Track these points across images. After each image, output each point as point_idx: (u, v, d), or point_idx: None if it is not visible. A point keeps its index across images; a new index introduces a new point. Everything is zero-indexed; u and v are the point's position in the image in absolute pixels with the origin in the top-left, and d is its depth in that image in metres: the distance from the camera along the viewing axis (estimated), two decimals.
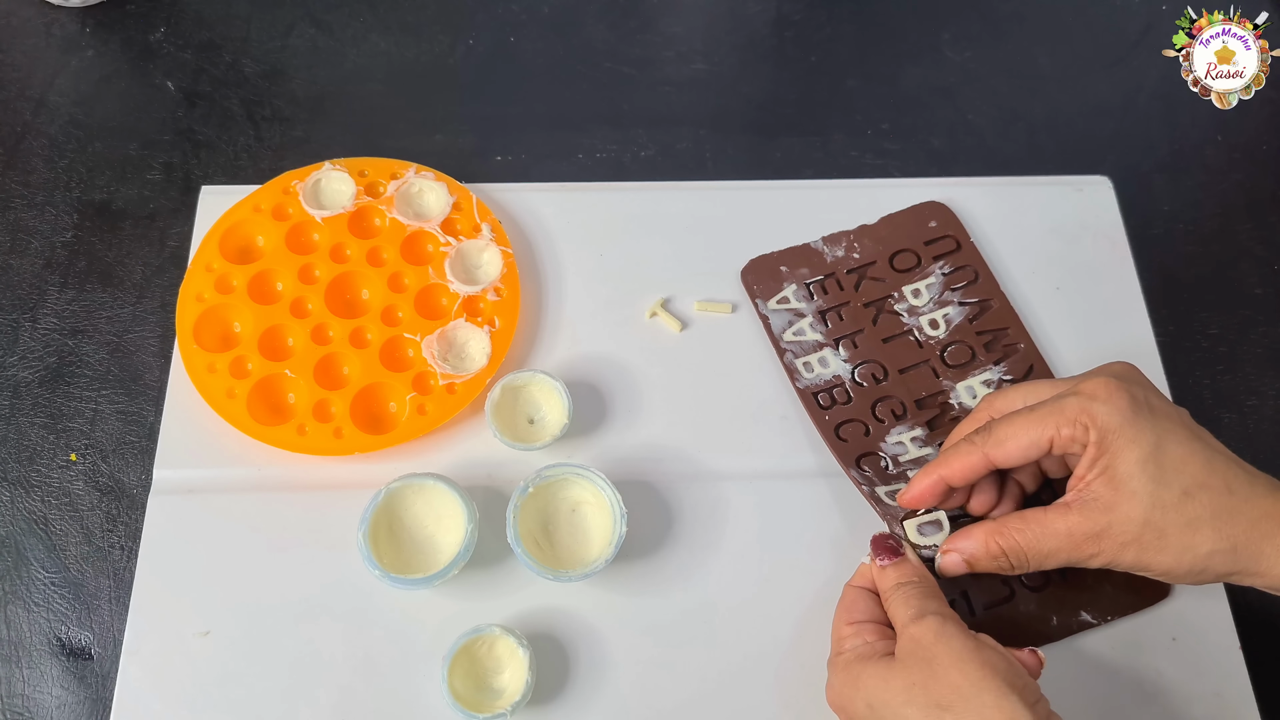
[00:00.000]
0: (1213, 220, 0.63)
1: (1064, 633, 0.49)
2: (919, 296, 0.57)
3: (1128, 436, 0.43)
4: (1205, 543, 0.42)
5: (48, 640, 0.49)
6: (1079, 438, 0.44)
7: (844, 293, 0.56)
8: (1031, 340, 0.56)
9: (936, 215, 0.59)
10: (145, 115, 0.64)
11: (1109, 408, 0.43)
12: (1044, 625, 0.49)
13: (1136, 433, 0.43)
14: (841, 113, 0.66)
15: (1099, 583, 0.50)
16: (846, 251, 0.58)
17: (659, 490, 0.52)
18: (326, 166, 0.58)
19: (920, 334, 0.55)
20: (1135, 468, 0.43)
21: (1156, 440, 0.43)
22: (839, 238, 0.58)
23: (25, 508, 0.52)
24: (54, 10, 0.67)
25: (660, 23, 0.69)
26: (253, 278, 0.55)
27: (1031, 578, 0.50)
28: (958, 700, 0.39)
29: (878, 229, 0.59)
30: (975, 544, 0.45)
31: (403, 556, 0.49)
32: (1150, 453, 0.43)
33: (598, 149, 0.64)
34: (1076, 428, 0.44)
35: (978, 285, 0.57)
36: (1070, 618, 0.49)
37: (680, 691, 0.48)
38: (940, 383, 0.54)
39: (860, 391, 0.54)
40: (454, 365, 0.54)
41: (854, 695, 0.42)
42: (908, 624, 0.42)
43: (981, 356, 0.55)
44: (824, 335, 0.55)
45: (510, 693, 0.46)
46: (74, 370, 0.55)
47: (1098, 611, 0.49)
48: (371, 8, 0.69)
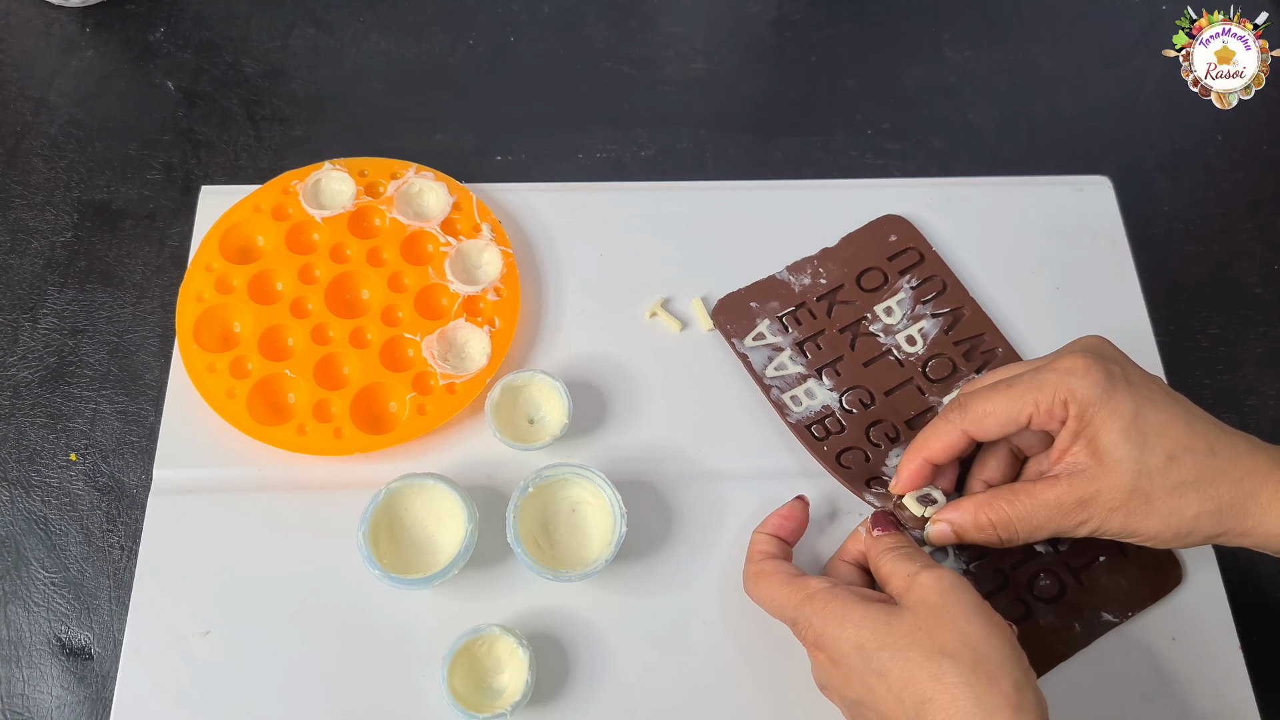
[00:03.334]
0: (1213, 220, 0.63)
1: (1090, 638, 0.49)
2: (891, 314, 0.56)
3: (1108, 408, 0.43)
4: (1191, 505, 0.43)
5: (48, 640, 0.49)
6: (1057, 413, 0.44)
7: (817, 321, 0.56)
8: (1008, 342, 0.56)
9: (895, 229, 0.59)
10: (145, 115, 0.64)
11: (1086, 382, 0.44)
12: (1069, 634, 0.49)
13: (1116, 404, 0.43)
14: (841, 113, 0.66)
15: (1113, 579, 0.50)
16: (813, 278, 0.57)
17: (659, 490, 0.52)
18: (326, 166, 0.58)
19: (899, 352, 0.55)
20: (1119, 437, 0.43)
21: (1136, 409, 0.43)
22: (803, 265, 0.58)
23: (25, 508, 0.52)
24: (54, 10, 0.67)
25: (660, 23, 0.69)
26: (253, 278, 0.55)
27: (1044, 589, 0.49)
28: (963, 648, 0.38)
29: (839, 250, 0.58)
30: (964, 515, 0.46)
31: (403, 556, 0.49)
32: (1131, 421, 0.43)
33: (598, 149, 0.64)
34: (1055, 403, 0.44)
35: (947, 295, 0.57)
36: (1093, 621, 0.49)
37: (680, 691, 0.48)
38: (927, 399, 0.54)
39: (851, 419, 0.53)
40: (454, 365, 0.54)
41: (839, 633, 0.41)
42: (918, 572, 0.42)
43: (962, 367, 0.55)
44: (805, 366, 0.55)
45: (510, 693, 0.46)
46: (74, 370, 0.55)
47: (1117, 609, 0.49)
48: (371, 8, 0.69)
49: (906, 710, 0.39)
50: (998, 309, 0.57)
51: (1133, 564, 0.50)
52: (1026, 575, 0.50)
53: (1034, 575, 0.50)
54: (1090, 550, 0.50)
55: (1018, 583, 0.50)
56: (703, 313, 0.57)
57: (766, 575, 0.45)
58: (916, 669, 0.38)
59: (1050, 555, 0.50)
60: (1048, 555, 0.50)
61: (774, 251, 0.58)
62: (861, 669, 0.40)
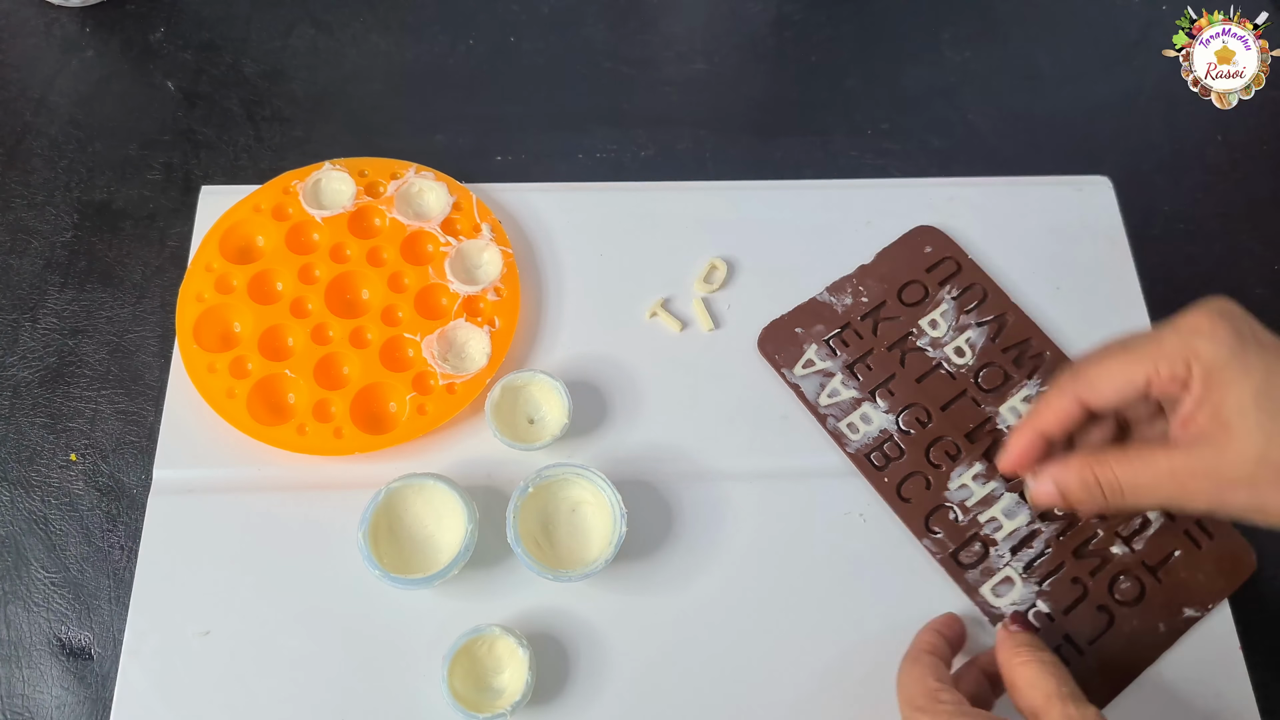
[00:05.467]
0: (1213, 220, 0.63)
1: (1174, 637, 0.49)
2: (937, 327, 0.56)
3: (1236, 370, 0.39)
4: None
5: (48, 640, 0.49)
6: (1179, 375, 0.41)
7: (864, 341, 0.55)
8: (1054, 345, 0.56)
9: (929, 240, 0.59)
10: (145, 115, 0.64)
11: (1213, 342, 0.40)
12: (1154, 637, 0.48)
13: (1246, 366, 0.39)
14: (841, 113, 0.66)
15: (1191, 574, 0.50)
16: (854, 298, 0.56)
17: (659, 490, 0.52)
18: (326, 166, 0.58)
19: (950, 365, 0.55)
20: (1248, 402, 0.39)
21: (1267, 371, 0.39)
22: (842, 285, 0.57)
23: (25, 508, 0.52)
24: (54, 10, 0.67)
25: (660, 23, 0.69)
26: (253, 278, 0.55)
27: (1126, 591, 0.49)
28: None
29: (877, 266, 0.58)
30: (1070, 473, 0.43)
31: (403, 556, 0.49)
32: (1262, 386, 0.39)
33: (598, 149, 0.64)
34: (1177, 364, 0.40)
35: (988, 303, 0.57)
36: (1175, 619, 0.49)
37: (680, 691, 0.48)
38: (984, 410, 0.54)
39: (910, 440, 0.53)
40: (454, 365, 0.54)
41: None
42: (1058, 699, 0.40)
43: (1014, 375, 0.55)
44: (859, 390, 0.54)
45: (510, 693, 0.46)
46: (74, 370, 0.55)
47: (1198, 603, 0.49)
48: (371, 8, 0.69)
49: None
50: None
51: (1207, 556, 0.50)
52: (1105, 580, 0.49)
53: (1113, 579, 0.49)
54: (1165, 545, 0.50)
55: (1098, 590, 0.49)
56: (703, 313, 0.57)
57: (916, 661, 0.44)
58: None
59: (1126, 555, 0.50)
60: (1124, 555, 0.50)
61: (774, 251, 0.59)
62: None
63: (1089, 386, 0.43)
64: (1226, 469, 0.40)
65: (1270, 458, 0.39)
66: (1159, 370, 0.41)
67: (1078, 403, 0.43)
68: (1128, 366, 0.42)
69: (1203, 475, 0.40)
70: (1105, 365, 0.43)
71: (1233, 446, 0.39)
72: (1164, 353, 0.41)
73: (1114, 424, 0.46)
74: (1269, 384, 0.39)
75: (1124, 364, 0.42)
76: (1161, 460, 0.41)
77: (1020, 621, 0.45)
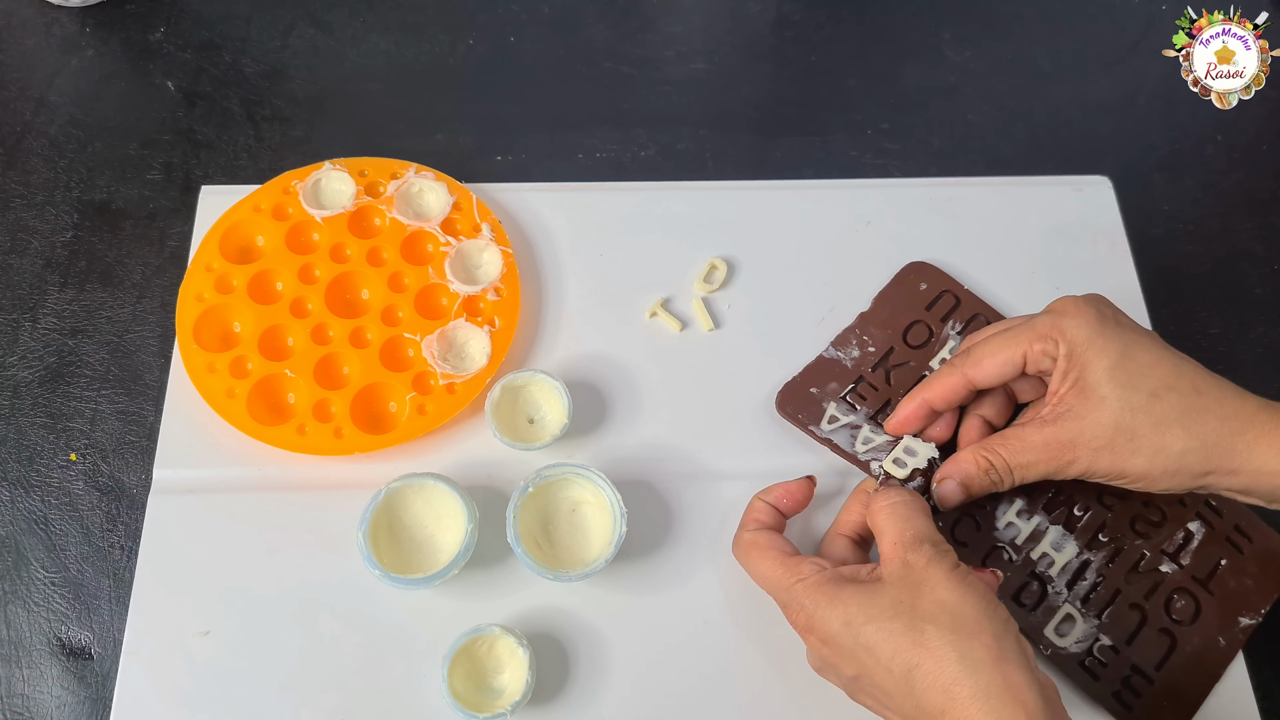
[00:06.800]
0: (1213, 220, 0.63)
1: (1235, 649, 0.48)
2: None
3: (1096, 347, 0.45)
4: (1176, 441, 0.44)
5: (48, 640, 0.49)
6: (1049, 351, 0.46)
7: (879, 392, 0.54)
8: None
9: (923, 276, 0.57)
10: (145, 115, 0.64)
11: (1077, 321, 0.46)
12: (1215, 651, 0.48)
13: (1104, 342, 0.45)
14: (841, 113, 0.66)
15: (1240, 581, 0.50)
16: (860, 349, 0.55)
17: (659, 490, 0.52)
18: (326, 166, 0.58)
19: None
20: (1103, 375, 0.45)
21: (1123, 348, 0.45)
22: (846, 337, 0.55)
23: (25, 508, 0.52)
24: (54, 10, 0.67)
25: (660, 23, 0.69)
26: (253, 278, 0.55)
27: (1182, 610, 0.49)
28: (942, 612, 0.39)
29: (876, 312, 0.56)
30: (966, 465, 0.47)
31: (403, 556, 0.49)
32: (1118, 360, 0.45)
33: (598, 149, 0.64)
34: (1047, 342, 0.46)
35: None
36: (1232, 629, 0.49)
37: (680, 691, 0.48)
38: None
39: None
40: (454, 365, 0.54)
41: (829, 614, 0.41)
42: (901, 546, 0.42)
43: None
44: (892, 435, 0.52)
45: (510, 693, 0.46)
46: (74, 370, 0.55)
47: (1252, 609, 0.49)
48: (371, 8, 0.69)
49: (897, 678, 0.39)
50: (998, 309, 0.57)
51: (1250, 559, 0.50)
52: (1161, 601, 0.49)
53: (1168, 598, 0.49)
54: (1211, 556, 0.50)
55: (1155, 613, 0.49)
56: (703, 313, 0.57)
57: (760, 548, 0.46)
58: (901, 638, 0.39)
59: (1176, 572, 0.50)
60: (1174, 573, 0.50)
61: (774, 252, 0.59)
62: (851, 645, 0.41)
63: (974, 364, 0.48)
64: (1088, 436, 0.45)
65: (1123, 424, 0.44)
66: (1032, 348, 0.47)
67: (964, 379, 0.48)
68: (1007, 346, 0.47)
69: (1070, 444, 0.45)
70: (988, 345, 0.48)
71: (1091, 415, 0.45)
72: (1037, 333, 0.47)
73: (1004, 398, 0.51)
74: (1124, 357, 0.45)
75: (1003, 343, 0.47)
76: (1035, 436, 0.46)
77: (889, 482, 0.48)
